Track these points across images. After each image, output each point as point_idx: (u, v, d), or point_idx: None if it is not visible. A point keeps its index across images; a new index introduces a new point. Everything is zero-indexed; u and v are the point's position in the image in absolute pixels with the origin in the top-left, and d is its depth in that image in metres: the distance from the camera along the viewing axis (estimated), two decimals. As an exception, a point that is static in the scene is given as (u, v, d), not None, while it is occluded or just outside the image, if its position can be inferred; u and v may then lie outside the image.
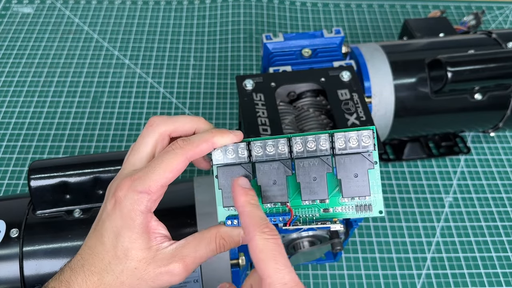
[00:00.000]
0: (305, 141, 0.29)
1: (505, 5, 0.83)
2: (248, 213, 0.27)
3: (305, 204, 0.30)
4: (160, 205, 0.40)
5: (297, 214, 0.30)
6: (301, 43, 0.54)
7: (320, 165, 0.29)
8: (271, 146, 0.29)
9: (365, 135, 0.28)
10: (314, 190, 0.29)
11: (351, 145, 0.29)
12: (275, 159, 0.29)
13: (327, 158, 0.29)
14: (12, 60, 0.73)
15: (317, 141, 0.29)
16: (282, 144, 0.29)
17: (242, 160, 0.29)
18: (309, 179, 0.29)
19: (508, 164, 0.62)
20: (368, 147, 0.29)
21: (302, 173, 0.29)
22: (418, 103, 0.53)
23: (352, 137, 0.29)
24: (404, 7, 0.83)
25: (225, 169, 0.29)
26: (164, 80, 0.71)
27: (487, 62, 0.51)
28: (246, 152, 0.29)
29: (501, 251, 0.54)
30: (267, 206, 0.30)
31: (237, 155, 0.29)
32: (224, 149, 0.29)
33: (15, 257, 0.37)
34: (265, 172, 0.29)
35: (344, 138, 0.29)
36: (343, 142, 0.29)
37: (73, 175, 0.39)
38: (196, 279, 0.39)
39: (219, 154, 0.29)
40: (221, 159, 0.29)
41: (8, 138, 0.63)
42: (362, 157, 0.29)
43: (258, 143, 0.29)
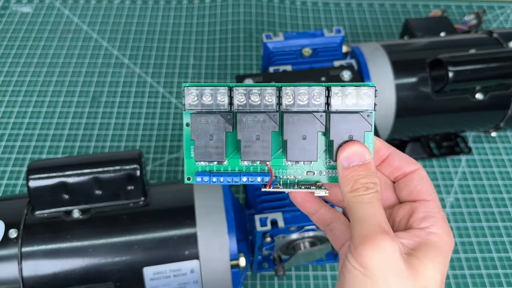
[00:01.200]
0: (297, 93, 0.25)
1: (506, 5, 0.83)
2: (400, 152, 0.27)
3: (286, 165, 0.26)
4: (159, 206, 0.40)
5: (277, 175, 0.27)
6: (301, 42, 0.53)
7: (312, 122, 0.25)
8: (257, 95, 0.25)
9: (365, 92, 0.25)
10: (303, 149, 0.25)
11: (348, 102, 0.25)
12: (261, 110, 0.25)
13: (320, 115, 0.25)
14: (11, 59, 0.72)
15: (310, 94, 0.25)
16: (269, 94, 0.25)
17: (221, 108, 0.25)
18: (298, 137, 0.25)
19: (509, 164, 0.62)
20: (367, 106, 0.25)
21: (290, 130, 0.25)
22: (419, 103, 0.53)
23: (350, 93, 0.25)
24: (405, 6, 0.83)
25: (199, 117, 0.25)
26: (163, 79, 0.70)
27: (488, 62, 0.51)
28: (227, 99, 0.25)
29: (502, 252, 0.54)
30: (243, 164, 0.26)
31: (215, 101, 0.25)
32: (200, 91, 0.25)
33: (14, 257, 0.37)
34: (247, 124, 0.25)
35: (342, 93, 0.25)
36: (339, 98, 0.25)
37: (72, 176, 0.39)
38: (196, 280, 0.39)
39: (193, 97, 0.25)
40: (196, 104, 0.25)
41: (7, 138, 0.63)
42: (360, 117, 0.25)
43: (241, 89, 0.25)
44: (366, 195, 0.24)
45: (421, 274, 0.23)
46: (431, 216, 0.25)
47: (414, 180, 0.27)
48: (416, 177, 0.27)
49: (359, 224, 0.23)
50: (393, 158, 0.27)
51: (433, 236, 0.25)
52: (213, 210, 0.39)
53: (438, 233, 0.25)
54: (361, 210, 0.24)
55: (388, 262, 0.22)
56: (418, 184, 0.26)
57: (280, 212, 0.41)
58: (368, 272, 0.22)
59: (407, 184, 0.27)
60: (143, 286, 0.38)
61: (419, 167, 0.27)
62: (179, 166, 0.60)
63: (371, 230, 0.23)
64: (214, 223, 0.39)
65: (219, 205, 0.40)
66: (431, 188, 0.27)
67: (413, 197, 0.26)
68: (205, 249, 0.38)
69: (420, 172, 0.27)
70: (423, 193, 0.26)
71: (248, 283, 0.51)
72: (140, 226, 0.39)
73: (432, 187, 0.27)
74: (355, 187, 0.24)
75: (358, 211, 0.24)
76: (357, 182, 0.25)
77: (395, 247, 0.22)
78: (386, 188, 0.28)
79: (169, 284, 0.38)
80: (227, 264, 0.38)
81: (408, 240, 0.24)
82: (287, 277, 0.52)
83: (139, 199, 0.40)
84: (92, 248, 0.38)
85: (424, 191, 0.26)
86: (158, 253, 0.38)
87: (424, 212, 0.25)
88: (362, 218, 0.23)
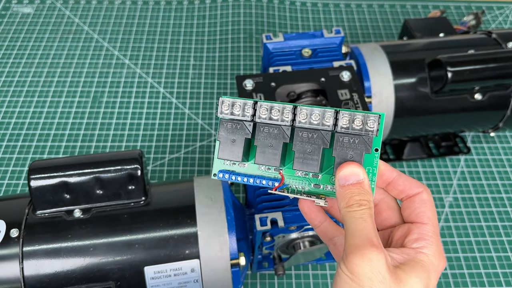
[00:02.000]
0: (311, 113, 0.29)
1: (505, 5, 0.83)
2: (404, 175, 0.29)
3: (297, 176, 0.30)
4: (160, 205, 0.41)
5: (287, 183, 0.30)
6: (301, 43, 0.54)
7: (319, 138, 0.29)
8: (277, 110, 0.29)
9: (372, 119, 0.28)
10: (307, 161, 0.29)
11: (354, 126, 0.28)
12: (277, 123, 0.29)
13: (327, 133, 0.29)
14: (12, 60, 0.73)
15: (322, 115, 0.28)
16: (287, 111, 0.29)
17: (245, 118, 0.29)
18: (305, 150, 0.29)
19: (508, 164, 0.62)
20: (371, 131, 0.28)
21: (299, 143, 0.29)
22: (418, 103, 0.53)
23: (357, 118, 0.28)
24: (404, 7, 0.83)
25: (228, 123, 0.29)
26: (164, 80, 0.71)
27: (487, 62, 0.51)
28: (251, 111, 0.29)
29: (501, 251, 0.54)
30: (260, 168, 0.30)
31: (243, 112, 0.29)
32: (231, 102, 0.29)
33: (15, 257, 0.37)
34: (264, 134, 0.29)
35: (350, 117, 0.28)
36: (347, 121, 0.28)
37: (73, 175, 0.39)
38: (196, 279, 0.39)
39: (227, 106, 0.29)
40: (227, 112, 0.29)
41: (8, 138, 0.63)
42: (362, 140, 0.28)
43: (265, 104, 0.29)
44: (359, 210, 0.27)
45: (404, 284, 0.25)
46: (424, 238, 0.28)
47: (414, 203, 0.29)
48: (417, 200, 0.29)
49: (351, 236, 0.26)
50: (398, 182, 0.30)
51: (422, 255, 0.27)
52: (213, 209, 0.40)
53: (427, 254, 0.27)
54: (354, 224, 0.26)
55: (375, 271, 0.25)
56: (417, 207, 0.29)
57: (280, 211, 0.41)
58: (356, 279, 0.25)
59: (409, 206, 0.29)
60: (143, 285, 0.38)
61: (421, 191, 0.29)
62: (179, 166, 0.61)
63: (360, 241, 0.25)
64: (214, 223, 0.39)
65: (220, 204, 0.40)
66: (429, 211, 0.29)
67: (412, 219, 0.29)
68: (205, 248, 0.38)
69: (422, 195, 0.29)
70: (421, 216, 0.28)
71: (248, 283, 0.52)
72: (141, 225, 0.39)
73: (432, 211, 0.29)
74: (349, 203, 0.27)
75: (351, 224, 0.26)
76: (352, 199, 0.27)
77: (381, 258, 0.25)
78: (388, 208, 0.30)
79: (169, 283, 0.38)
80: (227, 263, 0.39)
81: (398, 255, 0.27)
82: (287, 277, 0.52)
83: (140, 199, 0.40)
84: (93, 248, 0.38)
85: (422, 214, 0.28)
86: (159, 253, 0.38)
87: (418, 234, 0.28)
88: (354, 231, 0.26)
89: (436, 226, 0.28)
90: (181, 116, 0.66)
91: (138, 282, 0.38)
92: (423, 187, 0.29)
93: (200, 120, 0.66)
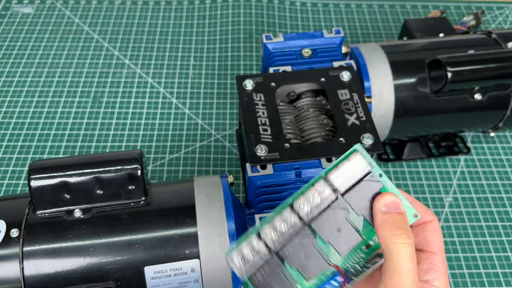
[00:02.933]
0: (307, 199, 0.26)
1: (505, 5, 0.83)
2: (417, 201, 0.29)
3: (347, 256, 0.28)
4: (160, 205, 0.41)
5: (343, 266, 0.28)
6: (301, 43, 0.54)
7: (336, 213, 0.26)
8: (280, 222, 0.26)
9: (355, 160, 0.26)
10: (346, 239, 0.27)
11: (348, 175, 0.27)
12: (291, 234, 0.26)
13: (337, 203, 0.27)
14: (12, 60, 0.73)
15: (319, 191, 0.26)
16: (289, 215, 0.26)
17: (263, 257, 0.27)
18: (334, 233, 0.27)
19: (508, 164, 0.62)
20: (364, 169, 0.27)
21: (325, 232, 0.27)
22: (418, 103, 0.53)
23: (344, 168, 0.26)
24: (404, 7, 0.83)
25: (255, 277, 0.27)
26: (164, 80, 0.71)
27: (487, 62, 0.51)
28: (263, 247, 0.26)
29: (501, 251, 0.54)
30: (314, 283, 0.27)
31: (257, 255, 0.26)
32: (241, 256, 0.27)
33: (15, 257, 0.37)
34: (291, 254, 0.27)
35: (339, 173, 0.26)
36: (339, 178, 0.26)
37: (73, 175, 0.39)
38: (196, 279, 0.39)
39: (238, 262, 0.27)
40: (243, 267, 0.27)
41: (8, 138, 0.63)
42: (367, 182, 0.27)
43: (267, 228, 0.27)
44: (408, 243, 0.25)
45: None
46: (435, 269, 0.27)
47: (426, 231, 0.28)
48: (429, 228, 0.28)
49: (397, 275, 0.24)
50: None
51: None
52: (213, 209, 0.40)
53: (438, 287, 0.27)
54: (402, 261, 0.25)
55: None
56: (428, 235, 0.28)
57: (279, 212, 0.41)
58: None
59: (419, 234, 0.28)
60: (144, 285, 0.38)
61: (434, 219, 0.29)
62: (179, 166, 0.61)
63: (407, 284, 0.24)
64: (214, 223, 0.39)
65: (220, 204, 0.40)
66: (439, 241, 0.28)
67: (422, 247, 0.28)
68: (205, 248, 0.38)
69: (434, 224, 0.28)
70: (431, 245, 0.28)
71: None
72: (141, 225, 0.39)
73: (441, 241, 0.28)
74: (397, 232, 0.25)
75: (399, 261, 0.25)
76: (399, 227, 0.25)
77: None
78: None
79: (169, 283, 0.38)
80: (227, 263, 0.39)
81: None
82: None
83: (140, 199, 0.40)
84: (93, 248, 0.38)
85: (432, 243, 0.28)
86: (159, 252, 0.38)
87: (428, 264, 0.27)
88: (402, 269, 0.24)
89: (444, 256, 0.28)
90: (181, 116, 0.66)
91: (138, 282, 0.38)
92: (434, 216, 0.29)
93: (200, 120, 0.66)
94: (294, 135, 0.46)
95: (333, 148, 0.43)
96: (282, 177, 0.42)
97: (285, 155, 0.42)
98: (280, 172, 0.42)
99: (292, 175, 0.42)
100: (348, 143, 0.43)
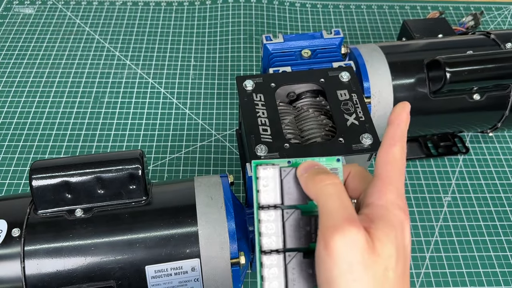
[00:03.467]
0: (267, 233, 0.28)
1: (504, 6, 0.83)
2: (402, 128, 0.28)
3: None
4: (161, 205, 0.41)
5: None
6: (300, 44, 0.54)
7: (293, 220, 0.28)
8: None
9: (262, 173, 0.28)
10: None
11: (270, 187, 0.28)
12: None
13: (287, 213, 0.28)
14: (13, 60, 0.73)
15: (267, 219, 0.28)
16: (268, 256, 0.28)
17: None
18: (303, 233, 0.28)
19: (506, 164, 0.62)
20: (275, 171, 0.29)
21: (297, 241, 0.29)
22: (417, 104, 0.53)
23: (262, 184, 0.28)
24: (403, 8, 0.83)
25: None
26: (164, 80, 0.71)
27: (485, 63, 0.51)
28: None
29: (500, 251, 0.55)
30: None
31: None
32: None
33: (16, 256, 0.37)
34: None
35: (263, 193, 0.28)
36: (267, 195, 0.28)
37: (74, 175, 0.39)
38: (197, 278, 0.39)
39: None
40: None
41: (9, 138, 0.64)
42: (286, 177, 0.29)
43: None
44: (330, 184, 0.27)
45: (381, 256, 0.25)
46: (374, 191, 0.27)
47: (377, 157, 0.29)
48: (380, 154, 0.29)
49: (327, 216, 0.25)
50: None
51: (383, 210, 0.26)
52: (213, 209, 0.40)
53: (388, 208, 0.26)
54: (328, 202, 0.26)
55: (354, 252, 0.24)
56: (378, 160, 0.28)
57: (279, 211, 0.41)
58: (336, 261, 0.24)
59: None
60: (144, 284, 0.38)
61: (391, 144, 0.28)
62: (179, 166, 0.61)
63: (338, 221, 0.25)
64: (214, 222, 0.39)
65: (220, 204, 0.40)
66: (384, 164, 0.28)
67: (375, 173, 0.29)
68: (206, 247, 0.38)
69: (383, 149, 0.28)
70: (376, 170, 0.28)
71: (248, 281, 0.52)
72: (141, 225, 0.39)
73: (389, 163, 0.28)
74: (317, 178, 0.27)
75: (325, 201, 0.26)
76: (318, 173, 0.27)
77: (361, 237, 0.24)
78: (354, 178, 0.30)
79: (170, 282, 0.39)
80: (227, 262, 0.39)
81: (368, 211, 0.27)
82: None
83: (141, 198, 0.41)
84: (94, 247, 0.38)
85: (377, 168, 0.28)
86: (160, 252, 0.38)
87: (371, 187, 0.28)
88: (331, 210, 0.25)
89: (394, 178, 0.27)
90: (182, 116, 0.67)
91: (139, 281, 0.38)
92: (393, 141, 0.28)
93: (201, 120, 0.66)
94: (294, 135, 0.46)
95: (333, 148, 0.43)
96: (282, 177, 0.43)
97: (285, 155, 0.42)
98: (280, 172, 0.42)
99: (292, 175, 0.43)
100: (348, 143, 0.43)
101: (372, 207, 0.27)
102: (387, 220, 0.26)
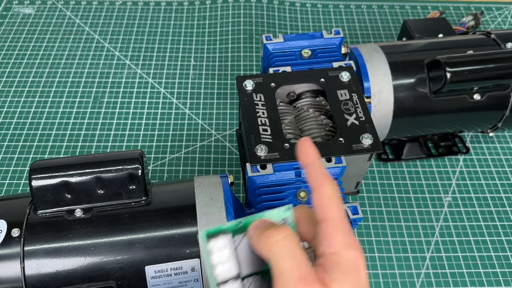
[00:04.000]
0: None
1: (504, 6, 0.83)
2: (319, 164, 0.28)
3: None
4: (161, 205, 0.41)
5: None
6: (300, 43, 0.54)
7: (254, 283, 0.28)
8: None
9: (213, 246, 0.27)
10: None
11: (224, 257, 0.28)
12: None
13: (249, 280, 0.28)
14: (13, 60, 0.73)
15: None
16: None
17: None
18: None
19: (507, 164, 0.62)
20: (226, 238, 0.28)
21: None
22: (417, 104, 0.53)
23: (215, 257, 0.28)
24: (403, 8, 0.83)
25: None
26: (164, 80, 0.71)
27: (486, 63, 0.51)
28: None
29: (500, 251, 0.54)
30: None
31: None
32: None
33: (16, 256, 0.37)
34: None
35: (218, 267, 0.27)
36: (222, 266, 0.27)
37: (74, 175, 0.39)
38: (197, 278, 0.39)
39: None
40: None
41: (9, 138, 0.64)
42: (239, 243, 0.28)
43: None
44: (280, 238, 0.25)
45: None
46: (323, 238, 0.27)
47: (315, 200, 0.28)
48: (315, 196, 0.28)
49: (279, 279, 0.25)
50: None
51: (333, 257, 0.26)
52: (213, 209, 0.40)
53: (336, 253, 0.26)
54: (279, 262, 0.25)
55: None
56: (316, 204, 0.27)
57: (279, 211, 0.41)
58: None
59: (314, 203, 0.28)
60: (144, 284, 0.38)
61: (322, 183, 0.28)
62: (179, 166, 0.61)
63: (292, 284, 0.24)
64: (214, 222, 0.39)
65: (220, 204, 0.40)
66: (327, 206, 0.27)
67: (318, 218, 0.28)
68: (205, 247, 0.38)
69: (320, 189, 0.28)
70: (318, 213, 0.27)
71: (248, 282, 0.52)
72: (141, 225, 0.39)
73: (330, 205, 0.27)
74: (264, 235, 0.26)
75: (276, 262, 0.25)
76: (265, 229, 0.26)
77: None
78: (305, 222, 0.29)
79: (170, 282, 0.39)
80: (227, 263, 0.39)
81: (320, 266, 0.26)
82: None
83: (141, 198, 0.41)
84: (94, 247, 0.38)
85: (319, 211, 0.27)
86: (160, 252, 0.38)
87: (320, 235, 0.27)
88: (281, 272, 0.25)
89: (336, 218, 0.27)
90: (182, 116, 0.67)
91: (139, 281, 0.38)
92: (324, 180, 0.27)
93: (201, 120, 0.66)
94: (294, 135, 0.46)
95: (333, 148, 0.43)
96: (282, 177, 0.43)
97: (285, 155, 0.42)
98: (280, 172, 0.43)
99: (292, 175, 0.43)
100: (348, 143, 0.43)
101: (324, 256, 0.26)
102: (340, 267, 0.26)
